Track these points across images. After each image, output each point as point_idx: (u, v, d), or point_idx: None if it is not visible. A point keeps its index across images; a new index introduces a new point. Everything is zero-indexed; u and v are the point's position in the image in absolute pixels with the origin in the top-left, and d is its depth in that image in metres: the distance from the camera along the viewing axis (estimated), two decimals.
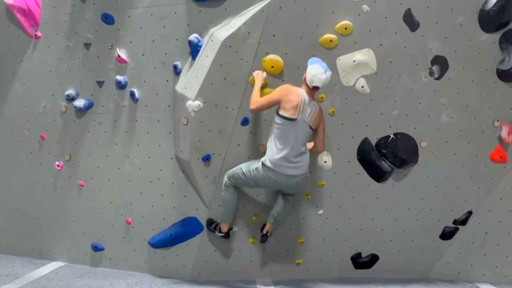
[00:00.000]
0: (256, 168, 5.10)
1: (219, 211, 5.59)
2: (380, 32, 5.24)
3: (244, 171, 5.20)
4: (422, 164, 5.65)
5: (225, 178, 5.36)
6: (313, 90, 4.98)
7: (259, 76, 5.13)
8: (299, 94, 4.90)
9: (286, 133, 4.91)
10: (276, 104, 4.96)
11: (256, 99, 4.98)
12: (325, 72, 4.86)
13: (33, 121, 6.02)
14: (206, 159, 5.48)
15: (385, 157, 5.58)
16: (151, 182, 5.83)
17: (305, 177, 5.18)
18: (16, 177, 6.28)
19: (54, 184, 6.16)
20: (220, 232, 5.57)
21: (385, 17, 5.19)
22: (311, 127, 5.01)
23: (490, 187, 5.75)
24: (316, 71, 4.84)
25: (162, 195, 5.82)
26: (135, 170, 5.86)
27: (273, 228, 5.61)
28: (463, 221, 5.85)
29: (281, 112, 4.90)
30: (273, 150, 4.97)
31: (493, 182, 5.74)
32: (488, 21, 5.23)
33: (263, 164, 5.04)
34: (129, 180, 5.90)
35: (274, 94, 4.95)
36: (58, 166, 6.05)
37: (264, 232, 5.57)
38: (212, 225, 5.68)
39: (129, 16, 5.47)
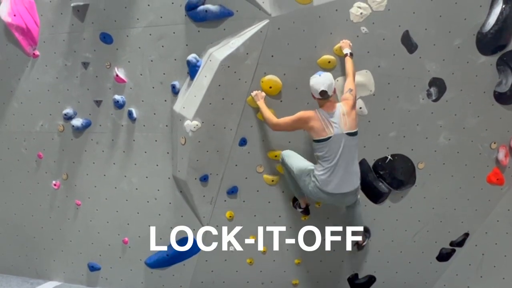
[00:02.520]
0: (306, 183, 4.75)
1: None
2: (378, 54, 5.03)
3: (295, 174, 4.87)
4: (419, 185, 5.43)
5: (281, 157, 5.07)
6: (325, 100, 4.60)
7: (259, 96, 4.91)
8: (315, 114, 4.58)
9: (329, 152, 4.55)
10: (294, 129, 4.74)
11: (274, 119, 4.74)
12: (319, 75, 4.60)
13: (30, 140, 5.76)
14: (204, 179, 5.30)
15: (383, 178, 5.37)
16: (148, 202, 5.60)
17: (357, 192, 4.83)
18: (13, 196, 6.00)
19: (51, 203, 5.89)
20: (300, 207, 5.33)
21: (383, 39, 4.98)
22: (353, 133, 4.59)
23: (487, 209, 5.54)
24: (311, 82, 4.61)
25: (159, 215, 5.60)
26: (132, 189, 5.62)
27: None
28: (460, 243, 5.63)
29: (315, 138, 4.59)
30: (320, 170, 4.60)
31: (490, 204, 5.52)
32: (486, 43, 5.03)
33: (316, 183, 4.65)
34: (126, 200, 5.66)
35: (294, 123, 4.66)
36: (55, 185, 5.79)
37: (361, 242, 5.42)
38: (296, 202, 5.39)
39: (127, 36, 5.23)
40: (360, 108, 5.13)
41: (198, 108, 5.00)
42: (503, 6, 4.92)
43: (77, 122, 5.50)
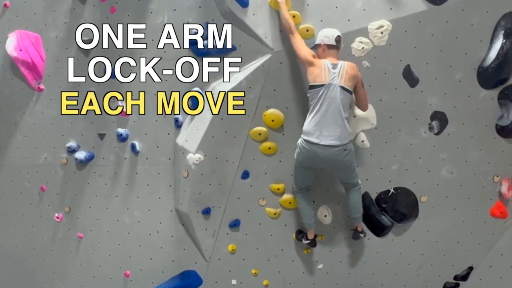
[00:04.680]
0: (297, 146, 4.62)
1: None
2: (380, 88, 4.90)
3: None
4: (422, 219, 5.24)
5: (293, 186, 4.99)
6: (333, 50, 4.57)
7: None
8: (321, 62, 4.50)
9: (319, 101, 4.45)
10: (299, 52, 4.54)
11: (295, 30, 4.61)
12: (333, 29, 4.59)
13: (33, 173, 5.61)
14: (206, 212, 5.15)
15: (385, 211, 5.19)
16: (150, 234, 5.43)
17: (346, 151, 4.55)
18: (15, 229, 5.82)
19: (53, 236, 5.71)
20: (307, 239, 5.10)
21: (385, 73, 4.86)
22: (347, 90, 4.49)
23: (490, 242, 5.34)
24: (326, 30, 4.58)
25: (161, 248, 5.43)
26: (134, 222, 5.45)
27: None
28: (464, 277, 5.43)
29: (311, 83, 4.50)
30: (307, 120, 4.52)
31: (494, 237, 5.32)
32: (487, 77, 4.89)
33: (301, 138, 4.57)
34: (128, 233, 5.49)
35: (306, 52, 4.52)
36: (57, 218, 5.61)
37: (358, 229, 5.12)
38: (300, 234, 5.20)
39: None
40: (362, 141, 5.00)
41: (200, 141, 4.90)
42: (504, 40, 4.81)
43: (81, 155, 5.37)
